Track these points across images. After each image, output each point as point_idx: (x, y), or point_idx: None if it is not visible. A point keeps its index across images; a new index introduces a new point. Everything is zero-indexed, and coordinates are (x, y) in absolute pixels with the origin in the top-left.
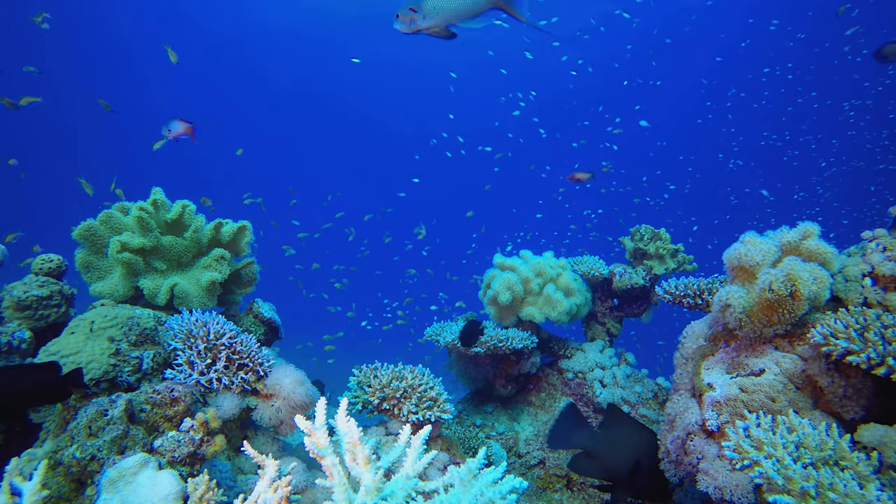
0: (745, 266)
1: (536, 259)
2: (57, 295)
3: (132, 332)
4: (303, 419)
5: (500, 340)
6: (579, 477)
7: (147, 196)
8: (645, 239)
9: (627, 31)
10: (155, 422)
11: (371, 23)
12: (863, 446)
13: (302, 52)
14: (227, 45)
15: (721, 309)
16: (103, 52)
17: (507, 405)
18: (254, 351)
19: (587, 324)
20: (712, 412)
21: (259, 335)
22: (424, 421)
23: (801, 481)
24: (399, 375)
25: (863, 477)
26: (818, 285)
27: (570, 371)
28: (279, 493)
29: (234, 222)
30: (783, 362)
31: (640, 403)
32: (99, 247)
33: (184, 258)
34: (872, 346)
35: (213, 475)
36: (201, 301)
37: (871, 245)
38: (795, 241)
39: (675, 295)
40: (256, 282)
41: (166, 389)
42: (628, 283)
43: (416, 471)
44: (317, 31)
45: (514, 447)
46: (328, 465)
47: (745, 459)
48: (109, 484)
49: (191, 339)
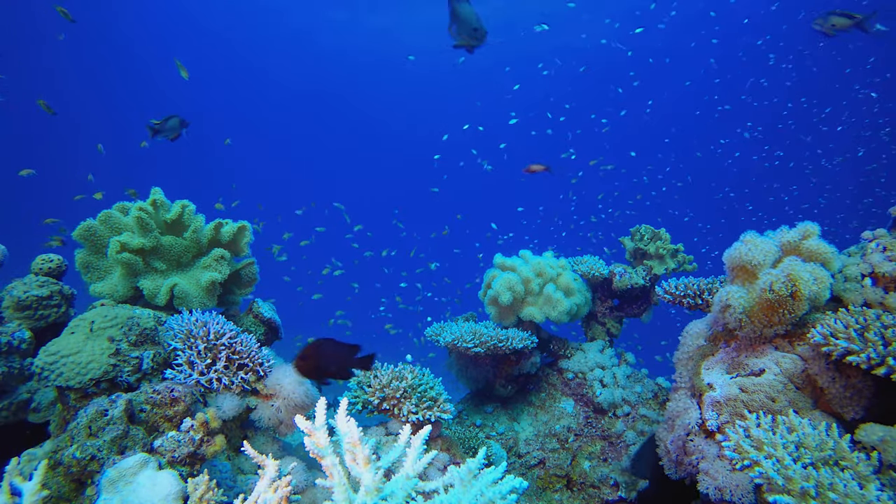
0: (745, 266)
1: (536, 259)
2: (57, 295)
3: (132, 332)
4: (303, 419)
5: (500, 340)
6: (579, 477)
7: (146, 196)
8: (645, 239)
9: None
10: (155, 422)
11: (371, 23)
12: (863, 446)
13: (306, 53)
14: (231, 45)
15: (721, 309)
16: (107, 53)
17: (507, 405)
18: (254, 351)
19: (587, 324)
20: (712, 412)
21: (259, 335)
22: (424, 421)
23: (801, 481)
24: (399, 375)
25: (863, 477)
26: (819, 285)
27: (570, 371)
28: (279, 493)
29: (233, 222)
30: (783, 362)
31: (640, 403)
32: (99, 247)
33: (184, 258)
34: (872, 346)
35: (213, 475)
36: (201, 301)
37: (871, 245)
38: (795, 241)
39: (675, 295)
40: (256, 282)
41: (166, 389)
42: (628, 283)
43: (416, 471)
44: (319, 32)
45: (514, 447)
46: (328, 465)
47: (745, 459)
48: (109, 484)
49: (191, 339)
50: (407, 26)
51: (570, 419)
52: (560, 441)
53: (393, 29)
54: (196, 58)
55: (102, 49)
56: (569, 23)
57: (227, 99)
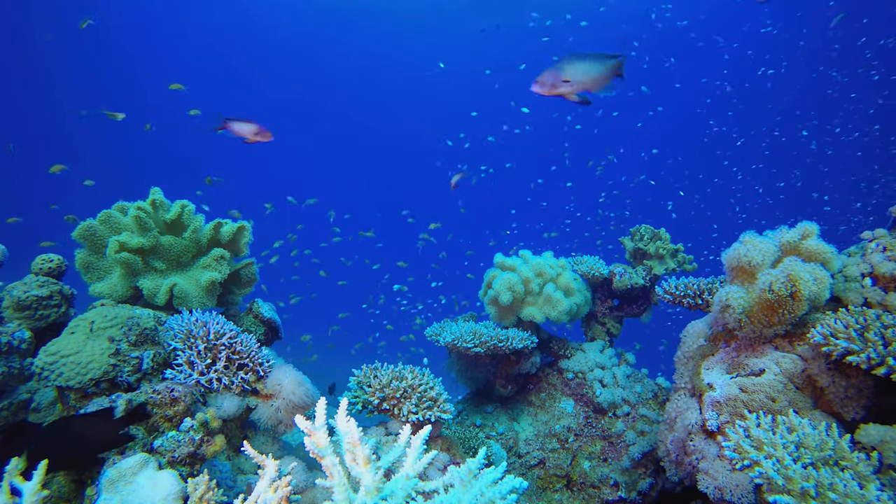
0: (744, 266)
1: (536, 259)
2: (57, 295)
3: (132, 332)
4: (303, 419)
5: (500, 340)
6: (579, 477)
7: (146, 196)
8: (645, 239)
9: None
10: (155, 422)
11: (370, 23)
12: (863, 446)
13: (300, 54)
14: (225, 46)
15: (721, 309)
16: (101, 54)
17: (507, 405)
18: (254, 351)
19: (587, 324)
20: (712, 412)
21: (259, 335)
22: (424, 421)
23: (801, 481)
24: (399, 375)
25: (863, 477)
26: (818, 285)
27: (570, 371)
28: (279, 493)
29: (233, 222)
30: (783, 362)
31: (640, 403)
32: (99, 247)
33: (183, 258)
34: (872, 346)
35: (213, 475)
36: (201, 301)
37: (871, 245)
38: (795, 241)
39: (675, 295)
40: (256, 282)
41: (166, 389)
42: (628, 283)
43: (416, 471)
44: (316, 33)
45: (514, 447)
46: (328, 465)
47: (745, 459)
48: (109, 484)
49: (191, 339)
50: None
51: (570, 419)
52: (560, 441)
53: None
54: (196, 59)
55: (93, 51)
56: (568, 24)
57: (225, 98)
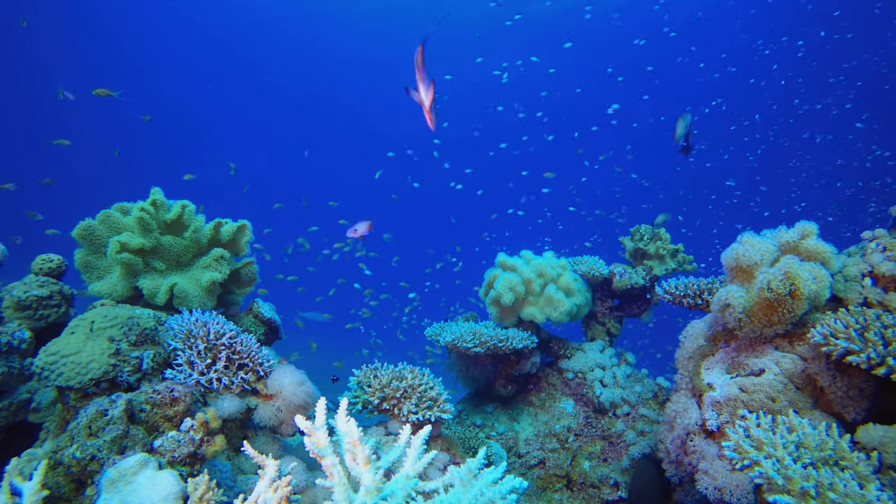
0: (743, 266)
1: (538, 259)
2: (57, 295)
3: (132, 332)
4: (303, 419)
5: (500, 340)
6: (579, 477)
7: (146, 196)
8: (645, 239)
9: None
10: (155, 422)
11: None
12: (863, 446)
13: (299, 51)
14: (223, 43)
15: (721, 309)
16: (99, 52)
17: (507, 405)
18: (254, 351)
19: (587, 324)
20: (712, 412)
21: (259, 335)
22: (424, 421)
23: (801, 481)
24: (399, 375)
25: (863, 477)
26: (818, 284)
27: (571, 371)
28: (279, 493)
29: (233, 222)
30: (783, 362)
31: (640, 403)
32: (98, 247)
33: (183, 258)
34: (872, 346)
35: (213, 475)
36: (201, 301)
37: (871, 245)
38: (794, 241)
39: (675, 295)
40: (256, 282)
41: (166, 389)
42: (628, 283)
43: (416, 471)
44: (313, 30)
45: (514, 447)
46: (328, 465)
47: (745, 459)
48: (109, 484)
49: (191, 339)
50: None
51: (571, 419)
52: (560, 441)
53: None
54: (195, 60)
55: (91, 49)
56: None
57: (224, 98)
